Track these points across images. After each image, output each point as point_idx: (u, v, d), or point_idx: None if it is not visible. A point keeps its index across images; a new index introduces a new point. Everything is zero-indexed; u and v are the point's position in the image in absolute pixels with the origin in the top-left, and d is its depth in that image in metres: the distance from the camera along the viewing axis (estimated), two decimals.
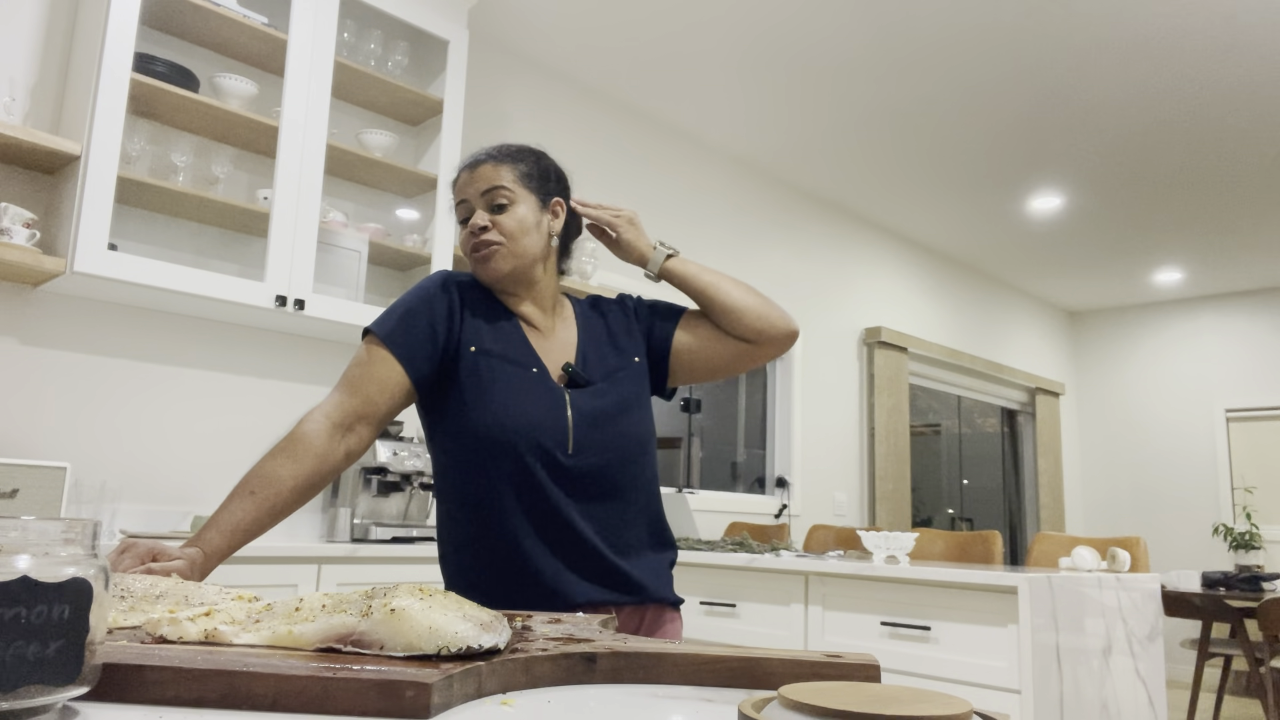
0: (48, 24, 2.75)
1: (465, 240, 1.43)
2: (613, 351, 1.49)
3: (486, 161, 1.44)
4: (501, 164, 1.43)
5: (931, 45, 3.87)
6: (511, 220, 1.41)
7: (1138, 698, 2.55)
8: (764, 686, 0.70)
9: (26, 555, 0.50)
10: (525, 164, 1.46)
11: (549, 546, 1.34)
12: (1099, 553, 2.79)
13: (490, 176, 1.42)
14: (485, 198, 1.42)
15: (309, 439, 1.25)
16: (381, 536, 2.99)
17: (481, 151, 1.46)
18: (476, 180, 1.43)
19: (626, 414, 1.43)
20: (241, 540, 1.16)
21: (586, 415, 1.39)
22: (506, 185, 1.42)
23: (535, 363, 1.41)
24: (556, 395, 1.39)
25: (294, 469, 1.22)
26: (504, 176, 1.43)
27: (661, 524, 1.49)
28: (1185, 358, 7.45)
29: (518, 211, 1.42)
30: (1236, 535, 6.78)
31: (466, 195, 1.43)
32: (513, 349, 1.41)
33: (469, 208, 1.43)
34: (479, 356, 1.39)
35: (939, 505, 6.92)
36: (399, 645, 0.66)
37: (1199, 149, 4.77)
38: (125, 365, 2.85)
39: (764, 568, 2.89)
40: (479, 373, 1.38)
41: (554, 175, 1.50)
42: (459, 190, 1.45)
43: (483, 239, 1.40)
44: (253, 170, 3.11)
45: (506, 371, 1.38)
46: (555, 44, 3.99)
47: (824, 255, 5.66)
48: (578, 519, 1.35)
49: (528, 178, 1.45)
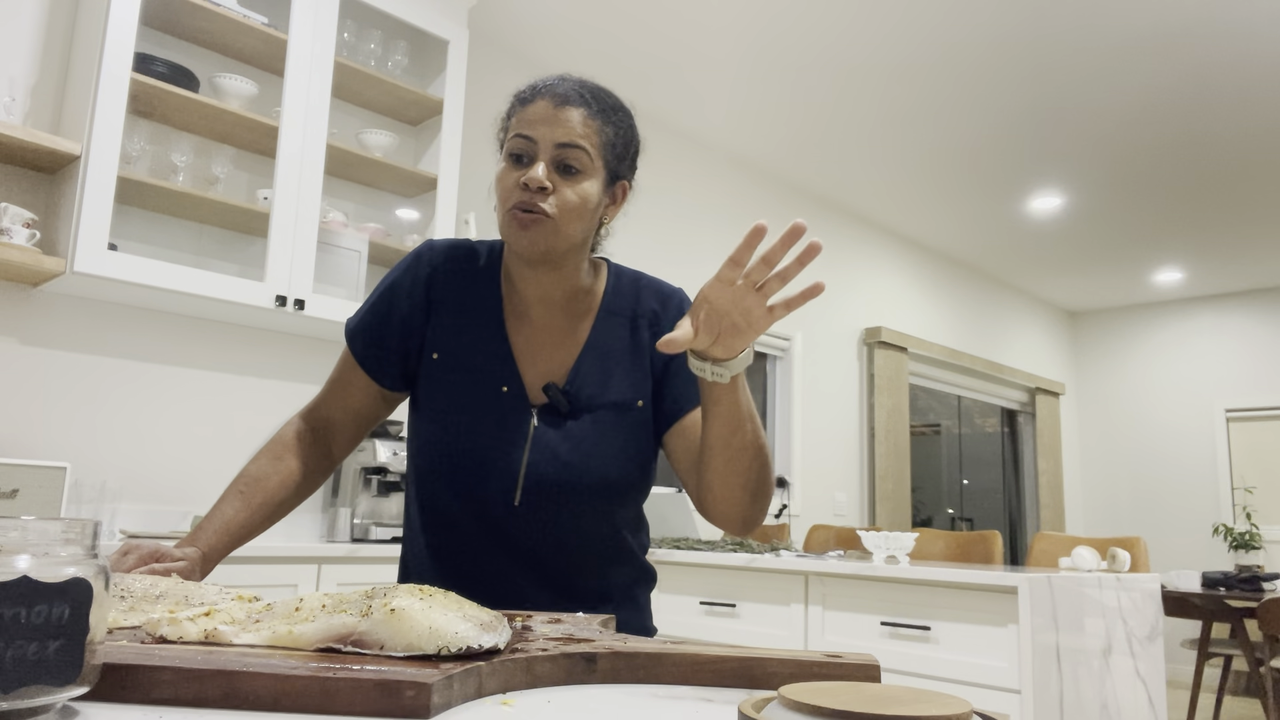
0: (48, 24, 2.75)
1: (510, 188, 1.12)
2: (620, 376, 1.21)
3: (580, 107, 1.13)
4: (594, 118, 1.13)
5: (932, 45, 3.87)
6: (575, 194, 1.12)
7: (1138, 698, 2.55)
8: (764, 686, 0.70)
9: (26, 555, 0.50)
10: (615, 128, 1.16)
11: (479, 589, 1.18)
12: (1099, 553, 2.79)
13: (576, 128, 1.12)
14: (559, 151, 1.11)
15: (289, 441, 1.23)
16: (381, 536, 2.99)
17: (573, 86, 1.14)
18: (558, 123, 1.11)
19: (601, 463, 1.17)
20: (235, 538, 1.14)
21: (550, 456, 1.15)
22: (588, 149, 1.12)
23: (508, 377, 1.18)
24: (520, 425, 1.16)
25: (277, 468, 1.20)
26: (591, 136, 1.13)
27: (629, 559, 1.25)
28: (1185, 358, 7.45)
29: (585, 185, 1.13)
30: (1236, 535, 6.78)
31: (537, 135, 1.11)
32: (486, 356, 1.19)
33: (531, 149, 1.12)
34: (439, 365, 1.20)
35: (939, 505, 6.92)
36: (399, 645, 0.66)
37: (1199, 149, 4.77)
38: (125, 365, 2.85)
39: (764, 568, 2.89)
40: (434, 388, 1.19)
41: (634, 151, 1.22)
42: (529, 123, 1.12)
43: (535, 202, 1.10)
44: (253, 170, 3.11)
45: (469, 389, 1.18)
46: (555, 44, 3.99)
47: (824, 255, 5.66)
48: (514, 572, 1.17)
49: (610, 147, 1.15)
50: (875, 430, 5.70)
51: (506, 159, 1.14)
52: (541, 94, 1.14)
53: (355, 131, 3.37)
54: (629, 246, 4.39)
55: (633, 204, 1.28)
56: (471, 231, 3.59)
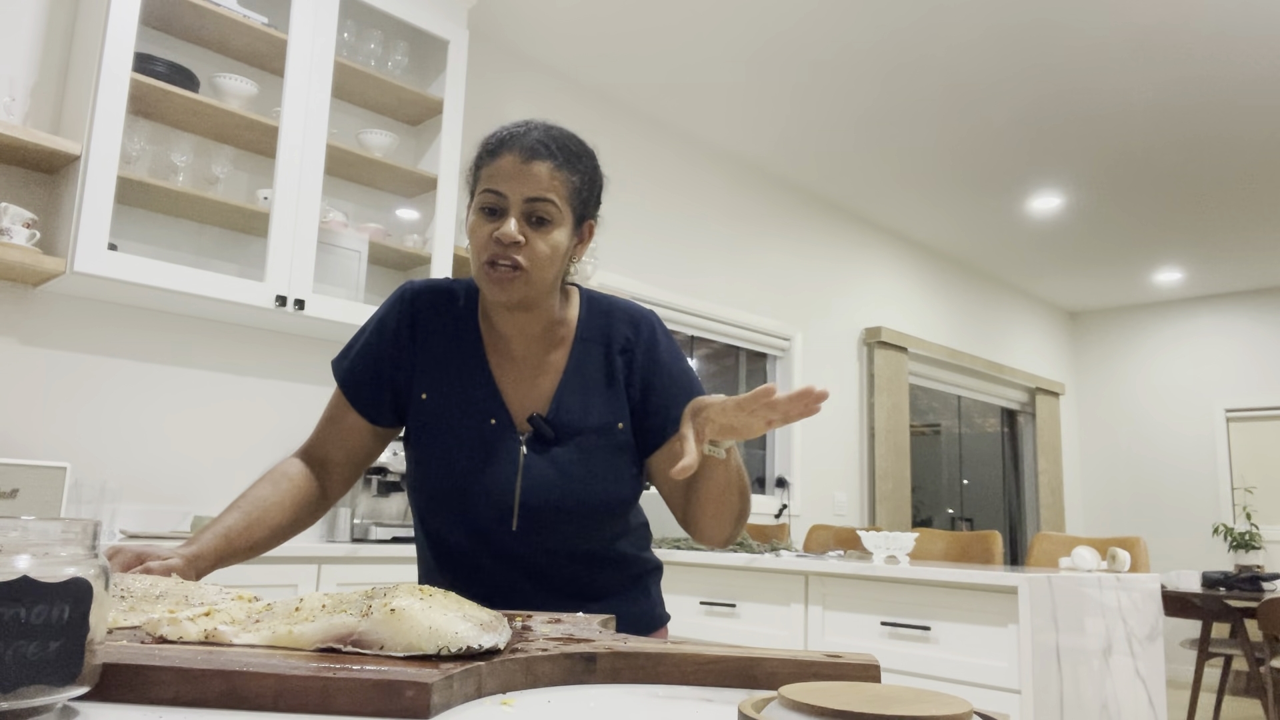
0: (48, 24, 2.75)
1: (485, 243, 1.16)
2: (599, 401, 1.27)
3: (547, 160, 1.16)
4: (560, 170, 1.17)
5: (932, 45, 3.87)
6: (546, 245, 1.16)
7: (1138, 698, 2.55)
8: (764, 686, 0.70)
9: (26, 555, 0.50)
10: (580, 175, 1.20)
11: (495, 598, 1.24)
12: (1099, 553, 2.79)
13: (544, 182, 1.15)
14: (528, 205, 1.15)
15: (287, 471, 1.26)
16: (381, 536, 2.99)
17: (539, 139, 1.17)
18: (527, 179, 1.15)
19: (589, 484, 1.23)
20: (234, 544, 1.15)
21: (541, 482, 1.21)
22: (556, 200, 1.16)
23: (495, 409, 1.23)
24: (510, 455, 1.21)
25: (274, 490, 1.22)
26: (559, 188, 1.16)
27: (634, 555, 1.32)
28: (1185, 358, 7.45)
29: (555, 235, 1.17)
30: (1236, 535, 6.78)
31: (506, 189, 1.15)
32: (472, 393, 1.24)
33: (502, 203, 1.15)
34: (429, 404, 1.25)
35: (939, 505, 6.92)
36: (399, 645, 0.66)
37: (1199, 149, 4.77)
38: (125, 365, 2.85)
39: (764, 568, 2.89)
40: (426, 425, 1.24)
41: (599, 191, 1.26)
42: (498, 178, 1.16)
43: (509, 254, 1.15)
44: (253, 170, 3.11)
45: (458, 425, 1.23)
46: (555, 44, 3.99)
47: (824, 255, 5.66)
48: (524, 582, 1.24)
49: (576, 193, 1.19)
50: (875, 430, 5.70)
51: (477, 212, 1.19)
52: (509, 147, 1.17)
53: (355, 131, 3.37)
54: (629, 247, 4.39)
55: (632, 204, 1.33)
56: None
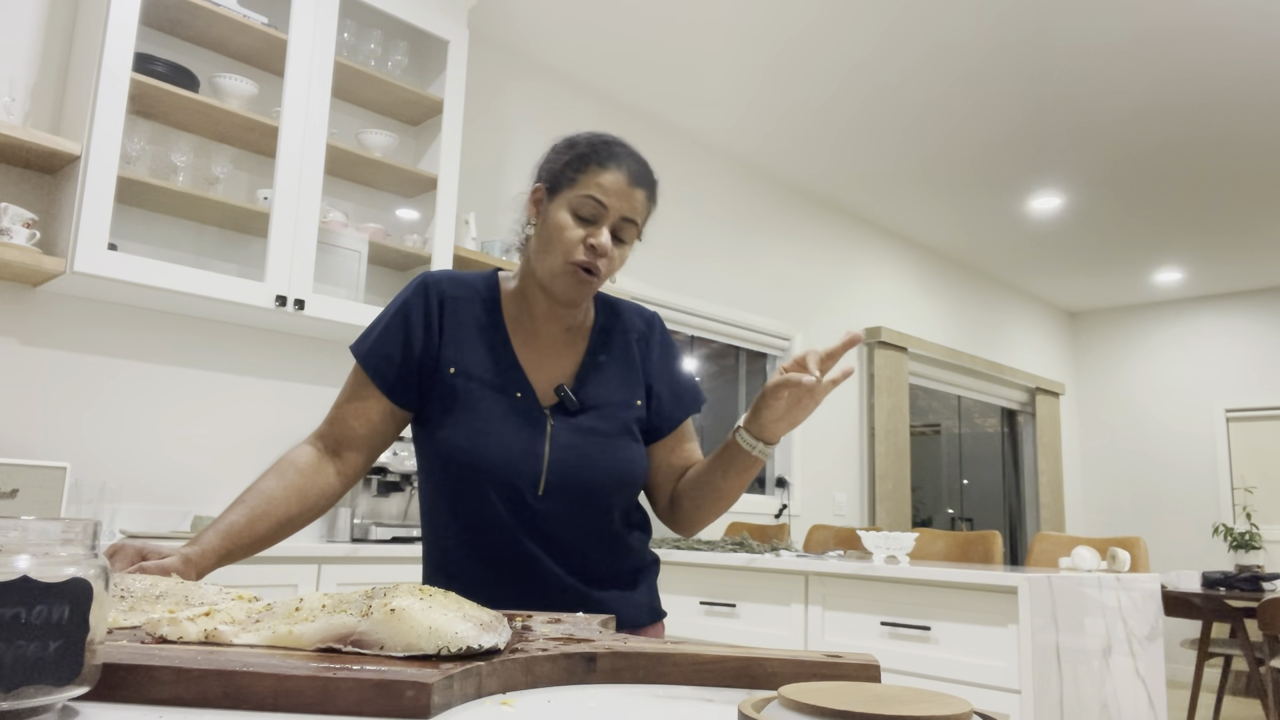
0: (48, 24, 2.75)
1: (575, 244, 1.26)
2: (618, 380, 1.37)
3: (644, 188, 1.30)
4: (649, 200, 1.32)
5: (932, 46, 3.87)
6: (620, 258, 1.31)
7: (1138, 698, 2.55)
8: (764, 686, 0.70)
9: (26, 555, 0.50)
10: (655, 204, 1.35)
11: (511, 575, 1.29)
12: (1099, 553, 2.79)
13: (640, 207, 1.30)
14: (621, 223, 1.28)
15: (295, 459, 1.27)
16: (381, 536, 2.99)
17: (641, 168, 1.31)
18: (630, 200, 1.28)
19: (612, 453, 1.32)
20: (237, 541, 1.15)
21: (567, 449, 1.29)
22: (639, 224, 1.31)
23: (521, 385, 1.31)
24: (537, 425, 1.29)
25: (280, 482, 1.23)
26: (644, 214, 1.32)
27: (638, 546, 1.40)
28: (1185, 358, 7.45)
29: (626, 250, 1.32)
30: (1236, 535, 6.78)
31: (610, 205, 1.26)
32: (497, 369, 1.32)
33: (602, 214, 1.27)
34: (458, 379, 1.30)
35: (939, 505, 6.92)
36: (399, 645, 0.66)
37: (1199, 149, 4.77)
38: (125, 365, 2.85)
39: (764, 568, 2.89)
40: (456, 397, 1.29)
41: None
42: (607, 191, 1.26)
43: (595, 263, 1.27)
44: (253, 170, 3.11)
45: (486, 397, 1.29)
46: (555, 44, 3.99)
47: (824, 255, 5.66)
48: (542, 556, 1.29)
49: (646, 220, 1.34)
50: (875, 430, 5.70)
51: (571, 212, 1.27)
52: (619, 164, 1.28)
53: (355, 131, 3.37)
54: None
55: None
56: (471, 231, 3.59)
